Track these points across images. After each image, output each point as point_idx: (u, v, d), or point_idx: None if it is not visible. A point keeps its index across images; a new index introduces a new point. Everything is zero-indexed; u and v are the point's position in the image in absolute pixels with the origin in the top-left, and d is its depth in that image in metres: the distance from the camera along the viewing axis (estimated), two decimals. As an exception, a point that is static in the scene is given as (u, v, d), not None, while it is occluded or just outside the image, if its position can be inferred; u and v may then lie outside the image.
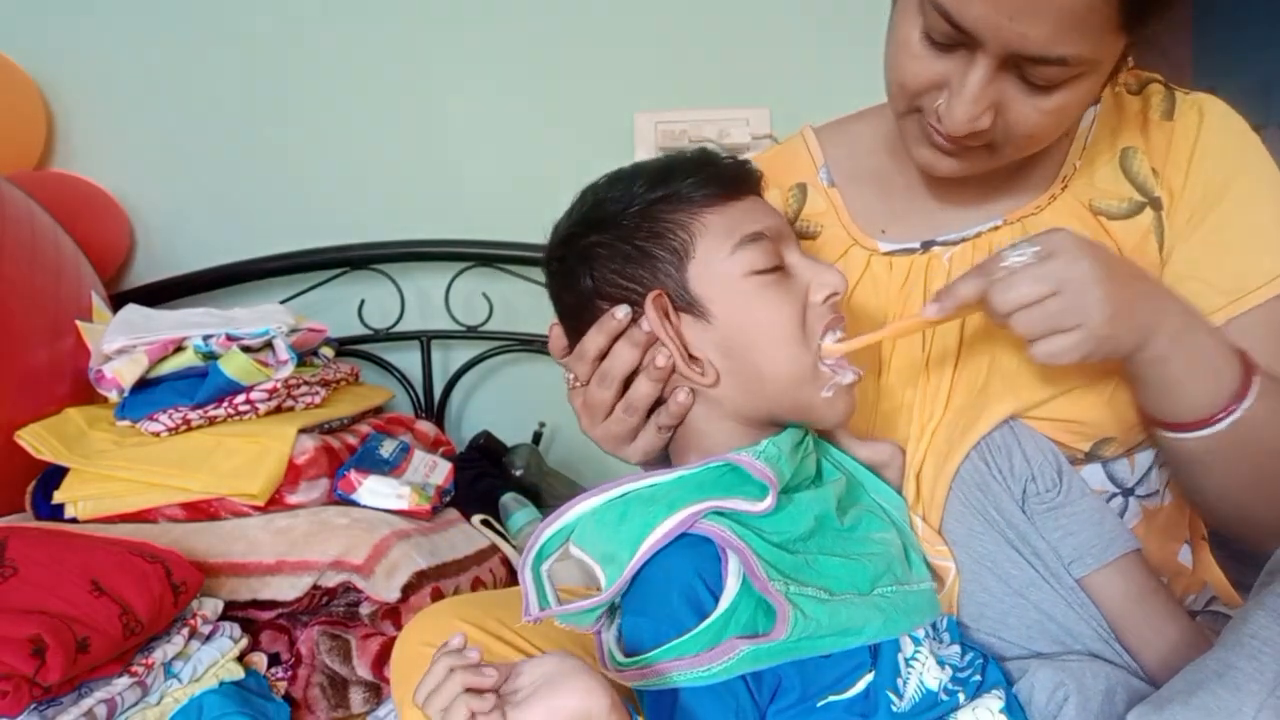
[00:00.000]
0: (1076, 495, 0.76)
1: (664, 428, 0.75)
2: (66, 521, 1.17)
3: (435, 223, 1.70)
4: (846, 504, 0.75)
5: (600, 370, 0.74)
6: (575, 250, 0.75)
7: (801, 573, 0.66)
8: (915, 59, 0.73)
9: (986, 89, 0.71)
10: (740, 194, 0.74)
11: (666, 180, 0.73)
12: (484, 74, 1.73)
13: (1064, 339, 0.68)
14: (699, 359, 0.72)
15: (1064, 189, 0.84)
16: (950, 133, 0.74)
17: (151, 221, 1.75)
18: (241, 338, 1.26)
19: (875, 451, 0.82)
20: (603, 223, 0.74)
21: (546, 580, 0.67)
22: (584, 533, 0.66)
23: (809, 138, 0.97)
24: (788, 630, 0.62)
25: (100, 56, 1.71)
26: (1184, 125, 0.82)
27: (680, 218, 0.72)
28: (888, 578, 0.71)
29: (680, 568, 0.63)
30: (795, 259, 0.74)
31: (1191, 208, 0.80)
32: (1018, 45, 0.67)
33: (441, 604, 0.90)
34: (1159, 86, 0.85)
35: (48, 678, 0.82)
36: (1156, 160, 0.82)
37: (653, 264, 0.72)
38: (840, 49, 1.64)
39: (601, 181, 0.77)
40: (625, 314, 0.72)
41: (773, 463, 0.68)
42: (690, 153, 0.76)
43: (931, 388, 0.83)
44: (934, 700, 0.67)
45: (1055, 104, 0.72)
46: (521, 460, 1.57)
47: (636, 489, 0.67)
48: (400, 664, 0.82)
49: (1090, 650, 0.73)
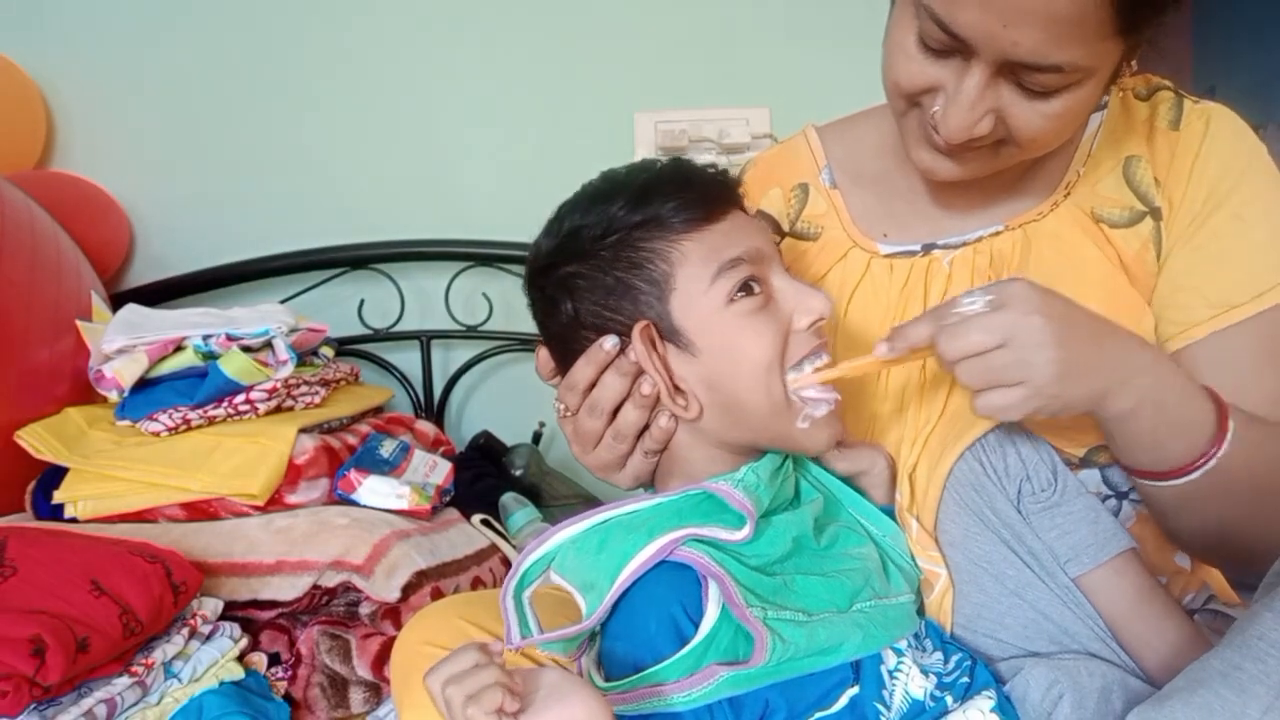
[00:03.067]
0: (1072, 495, 0.75)
1: (650, 453, 0.75)
2: (66, 521, 1.17)
3: (435, 223, 1.70)
4: (824, 522, 0.76)
5: (589, 401, 0.74)
6: (554, 281, 0.74)
7: (780, 595, 0.66)
8: (911, 62, 0.73)
9: (983, 95, 0.70)
10: (720, 213, 0.73)
11: (644, 203, 0.71)
12: (484, 74, 1.73)
13: (1007, 394, 0.66)
14: (684, 391, 0.72)
15: (1066, 196, 0.84)
16: (948, 140, 0.74)
17: (151, 221, 1.75)
18: (241, 338, 1.26)
19: (853, 461, 0.82)
20: (581, 253, 0.73)
21: (529, 607, 0.67)
22: (564, 561, 0.67)
23: (811, 137, 0.97)
24: (766, 657, 0.62)
25: (100, 56, 1.71)
26: (1189, 135, 0.81)
27: (658, 246, 0.71)
28: (866, 592, 0.71)
29: (660, 595, 0.64)
30: (779, 282, 0.73)
31: (1189, 217, 0.79)
32: (1011, 52, 0.67)
33: (441, 603, 0.90)
34: (1169, 94, 0.84)
35: (48, 678, 0.82)
36: (1160, 170, 0.81)
37: (634, 295, 0.71)
38: (840, 49, 1.64)
39: (579, 200, 0.75)
40: (613, 345, 0.72)
41: (751, 491, 0.68)
42: (667, 168, 0.74)
43: (928, 391, 0.83)
44: (921, 708, 0.68)
45: (1057, 109, 0.71)
46: (521, 460, 1.57)
47: (616, 516, 0.68)
48: (400, 663, 0.82)
49: (1088, 650, 0.73)
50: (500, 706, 0.53)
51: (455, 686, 0.55)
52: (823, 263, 0.91)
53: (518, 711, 0.54)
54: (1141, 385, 0.68)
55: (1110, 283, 0.81)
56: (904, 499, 0.79)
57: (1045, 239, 0.83)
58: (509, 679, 0.55)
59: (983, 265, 0.84)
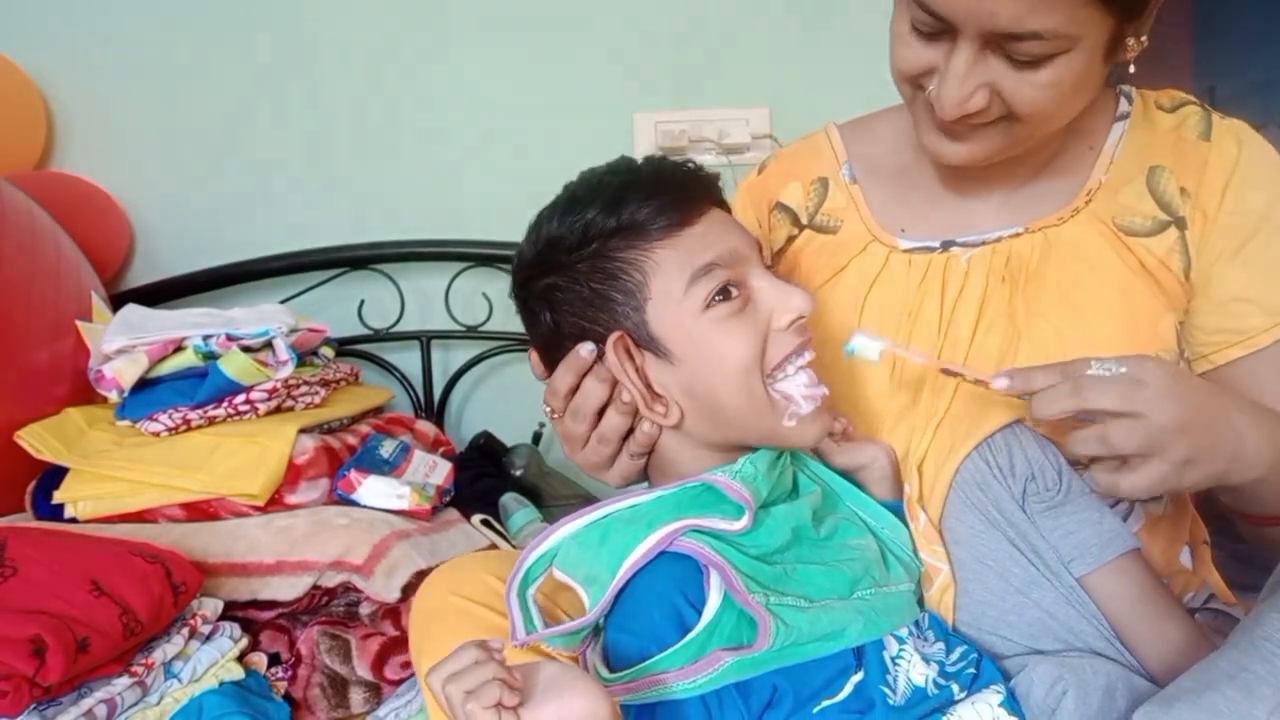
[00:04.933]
0: (1077, 494, 0.76)
1: (635, 455, 0.76)
2: (66, 521, 1.17)
3: (435, 223, 1.70)
4: (823, 514, 0.76)
5: (572, 406, 0.76)
6: (534, 292, 0.76)
7: (781, 582, 0.66)
8: (907, 48, 0.76)
9: (973, 70, 0.72)
10: (695, 215, 0.73)
11: (618, 208, 0.71)
12: (484, 74, 1.73)
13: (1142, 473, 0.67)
14: (662, 398, 0.72)
15: (1088, 203, 0.84)
16: (943, 116, 0.75)
17: (151, 221, 1.75)
18: (241, 338, 1.26)
19: (853, 456, 0.82)
20: (557, 264, 0.73)
21: (532, 604, 0.68)
22: (566, 556, 0.67)
23: (833, 134, 0.98)
24: (770, 641, 0.63)
25: (100, 56, 1.71)
26: (1221, 148, 0.82)
27: (633, 256, 0.71)
28: (866, 580, 0.71)
29: (662, 585, 0.64)
30: (758, 281, 0.73)
31: (1231, 231, 0.81)
32: (990, 23, 0.69)
33: (466, 556, 0.90)
34: (1195, 108, 0.86)
35: (48, 678, 0.82)
36: (1188, 180, 0.82)
37: (611, 306, 0.72)
38: (841, 49, 1.65)
39: (557, 205, 0.75)
40: (590, 351, 0.73)
41: (749, 482, 0.69)
42: (643, 169, 0.75)
43: (936, 385, 0.83)
44: (923, 695, 0.68)
45: (1048, 78, 0.72)
46: (521, 460, 1.57)
47: (616, 510, 0.68)
48: (423, 609, 0.82)
49: (1092, 648, 0.73)
50: (499, 701, 0.54)
51: (455, 684, 0.56)
52: (842, 256, 0.92)
53: (518, 705, 0.55)
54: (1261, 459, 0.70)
55: (1128, 289, 0.82)
56: (913, 490, 0.80)
57: (1065, 245, 0.84)
58: (508, 674, 0.56)
59: (999, 265, 0.85)
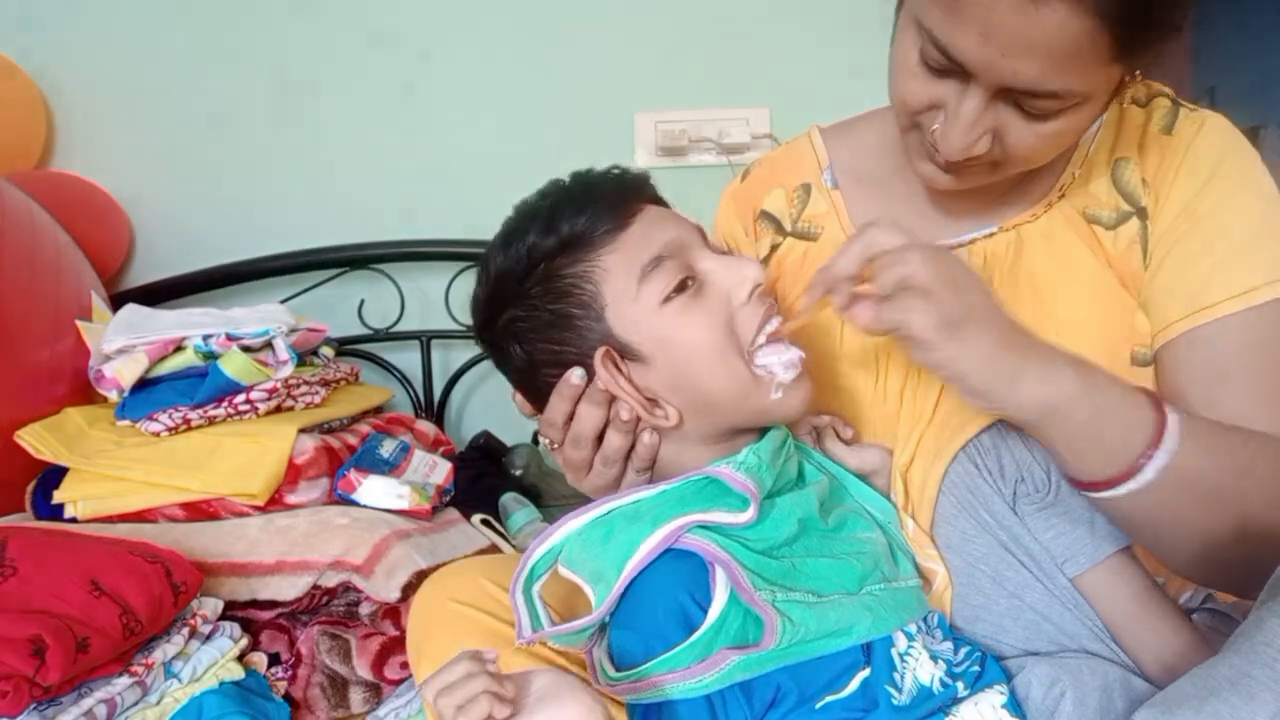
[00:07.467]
0: (1067, 495, 0.75)
1: (640, 470, 0.75)
2: (66, 521, 1.17)
3: (435, 223, 1.70)
4: (830, 505, 0.76)
5: (571, 433, 0.75)
6: (497, 330, 0.75)
7: (788, 578, 0.66)
8: (913, 79, 0.74)
9: (982, 117, 0.71)
10: (630, 216, 0.73)
11: (555, 227, 0.71)
12: (484, 74, 1.73)
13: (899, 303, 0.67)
14: (657, 402, 0.72)
15: (1061, 196, 0.84)
16: (947, 158, 0.74)
17: (151, 221, 1.75)
18: (241, 337, 1.26)
19: (864, 460, 0.82)
20: (510, 296, 0.73)
21: (538, 601, 0.67)
22: (571, 553, 0.67)
23: (815, 138, 0.98)
24: (776, 639, 0.62)
25: (100, 56, 1.71)
26: (1179, 138, 0.81)
27: (580, 268, 0.71)
28: (875, 575, 0.71)
29: (667, 584, 0.64)
30: (707, 264, 0.73)
31: (1175, 219, 0.80)
32: (1010, 80, 0.67)
33: (464, 562, 0.90)
34: (1165, 101, 0.84)
35: (48, 678, 0.82)
36: (1148, 171, 0.82)
37: (572, 323, 0.72)
38: (840, 49, 1.64)
39: (498, 240, 0.75)
40: (580, 377, 0.72)
41: (753, 472, 0.68)
42: (570, 185, 0.75)
43: (921, 391, 0.83)
44: (928, 694, 0.68)
45: (1054, 129, 0.71)
46: (521, 460, 1.57)
47: (620, 506, 0.68)
48: (421, 615, 0.82)
49: (1087, 649, 0.73)
50: (489, 715, 0.54)
51: (446, 697, 0.56)
52: (821, 262, 0.91)
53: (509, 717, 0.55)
54: (1064, 377, 0.67)
55: (1099, 282, 0.81)
56: (899, 498, 0.79)
57: (1037, 238, 0.84)
58: (499, 686, 0.56)
59: (976, 265, 0.85)
